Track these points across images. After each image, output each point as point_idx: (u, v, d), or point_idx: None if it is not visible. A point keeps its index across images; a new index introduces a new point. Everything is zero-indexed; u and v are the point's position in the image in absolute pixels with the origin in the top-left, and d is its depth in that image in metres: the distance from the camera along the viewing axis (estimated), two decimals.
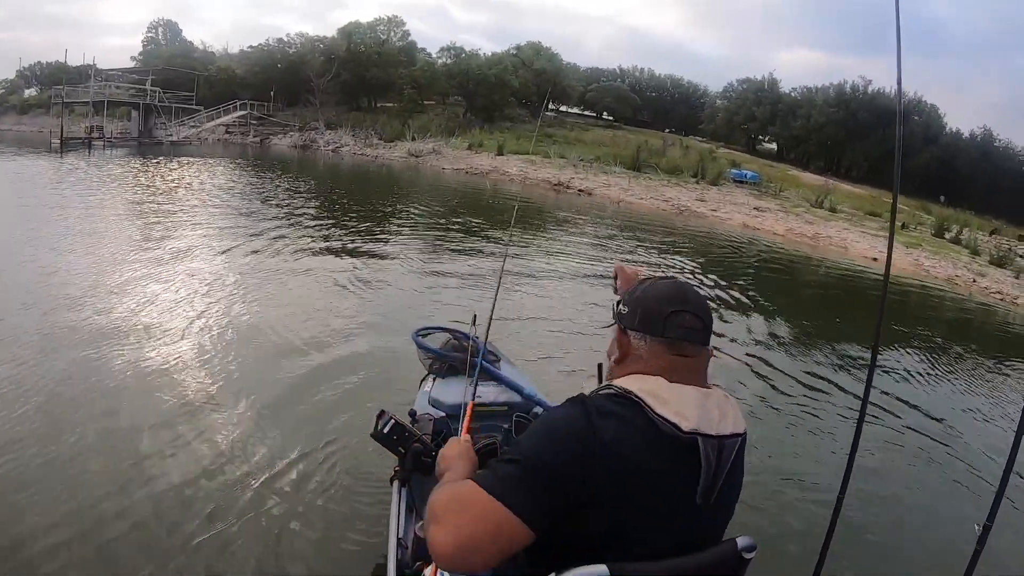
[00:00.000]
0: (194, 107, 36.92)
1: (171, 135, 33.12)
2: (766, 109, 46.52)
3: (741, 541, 1.20)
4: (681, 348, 1.22)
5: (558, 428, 1.15)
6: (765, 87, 48.81)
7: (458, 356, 2.94)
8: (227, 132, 37.81)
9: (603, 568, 1.07)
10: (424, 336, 3.11)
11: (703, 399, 1.17)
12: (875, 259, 17.68)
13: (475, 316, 3.13)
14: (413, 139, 33.39)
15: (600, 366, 1.63)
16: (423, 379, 3.00)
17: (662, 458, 1.12)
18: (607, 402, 1.17)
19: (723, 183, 27.17)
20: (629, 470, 1.11)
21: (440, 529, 1.12)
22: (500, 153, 30.68)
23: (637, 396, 1.15)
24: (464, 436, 1.76)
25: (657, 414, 1.12)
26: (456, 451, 1.53)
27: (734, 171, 29.08)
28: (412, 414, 2.37)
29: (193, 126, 35.86)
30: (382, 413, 2.10)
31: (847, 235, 20.27)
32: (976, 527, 1.80)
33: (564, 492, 1.10)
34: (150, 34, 52.69)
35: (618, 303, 1.36)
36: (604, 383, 1.27)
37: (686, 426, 1.11)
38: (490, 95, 40.66)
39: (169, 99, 34.98)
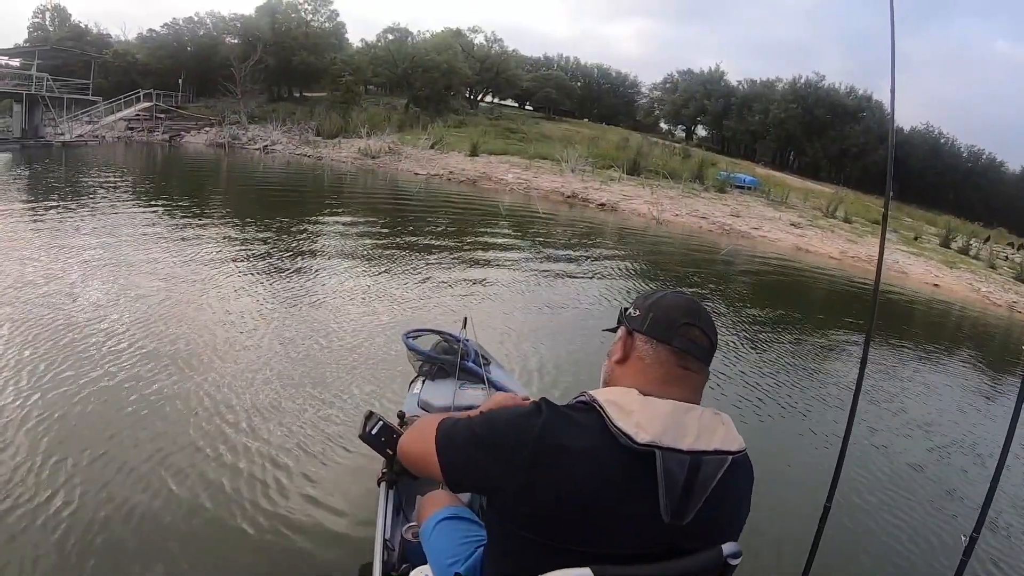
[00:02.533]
0: (91, 98, 30.48)
1: (62, 134, 26.67)
2: (718, 102, 45.23)
3: (727, 547, 1.16)
4: (685, 360, 1.22)
5: (516, 422, 1.18)
6: (712, 80, 47.65)
7: (448, 359, 2.89)
8: (128, 128, 31.33)
9: (586, 571, 1.06)
10: (415, 338, 3.09)
11: (680, 413, 1.14)
12: (937, 285, 16.41)
13: (465, 319, 3.15)
14: (368, 135, 28.62)
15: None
16: (412, 381, 2.97)
17: (618, 470, 1.10)
18: (570, 409, 1.19)
19: (729, 190, 25.03)
20: (574, 477, 1.10)
21: (406, 437, 1.49)
22: (474, 153, 26.61)
23: (599, 405, 1.15)
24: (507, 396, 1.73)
25: (616, 425, 1.11)
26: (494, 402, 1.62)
27: (739, 176, 26.79)
28: (401, 416, 2.35)
29: (89, 122, 29.45)
30: (370, 414, 2.02)
31: (898, 256, 18.54)
32: (963, 537, 1.90)
33: (502, 478, 1.15)
34: (36, 19, 43.72)
35: (627, 309, 1.34)
36: (582, 391, 1.25)
37: (642, 438, 1.09)
38: (436, 84, 36.54)
39: (60, 89, 28.31)
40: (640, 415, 1.11)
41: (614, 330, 1.37)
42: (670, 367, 1.21)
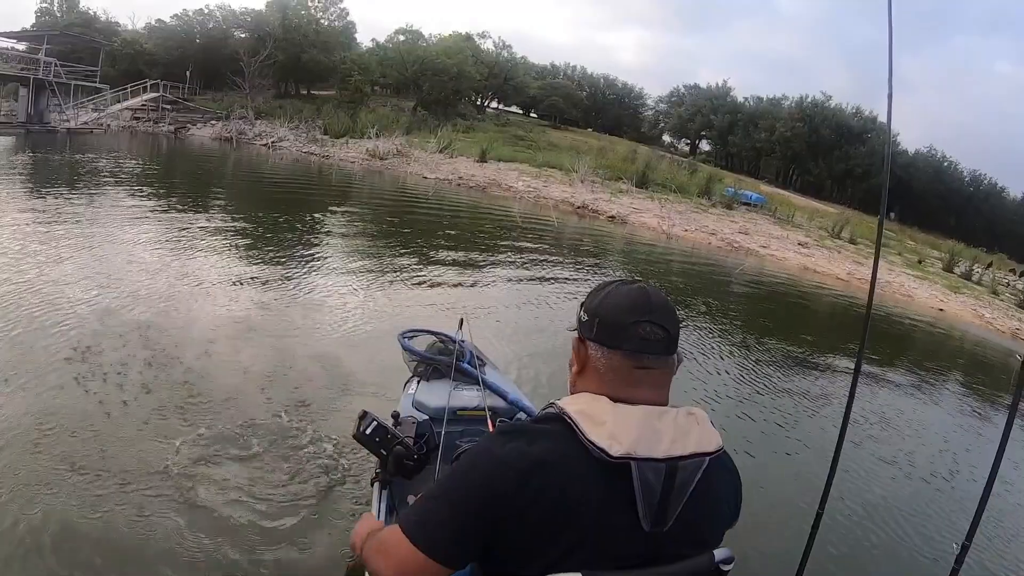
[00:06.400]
0: (98, 86, 30.23)
1: (68, 120, 26.53)
2: (724, 118, 45.38)
3: (719, 553, 1.14)
4: (640, 360, 1.16)
5: (478, 464, 1.12)
6: (719, 95, 47.87)
7: (443, 359, 2.89)
8: (134, 118, 31.22)
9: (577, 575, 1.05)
10: (410, 338, 3.08)
11: (651, 419, 1.10)
12: (941, 310, 16.32)
13: (461, 320, 3.13)
14: (377, 136, 28.51)
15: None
16: (407, 381, 2.96)
17: (592, 484, 1.07)
18: (541, 425, 1.15)
19: (736, 207, 25.03)
20: (554, 499, 1.06)
21: (375, 566, 1.19)
22: (483, 159, 26.52)
23: (570, 418, 1.10)
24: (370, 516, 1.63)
25: (588, 439, 1.07)
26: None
27: (746, 193, 26.84)
28: (395, 416, 2.35)
29: (95, 109, 29.24)
30: (364, 414, 2.08)
31: (904, 280, 18.57)
32: (955, 545, 1.90)
33: (482, 528, 1.09)
34: (44, 4, 43.32)
35: (581, 307, 1.26)
36: (550, 402, 1.21)
37: (616, 450, 1.05)
38: (445, 88, 36.52)
39: (68, 75, 28.05)
40: (613, 425, 1.07)
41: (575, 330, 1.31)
42: (626, 372, 1.15)
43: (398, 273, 8.31)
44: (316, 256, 8.63)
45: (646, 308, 1.16)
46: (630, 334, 1.15)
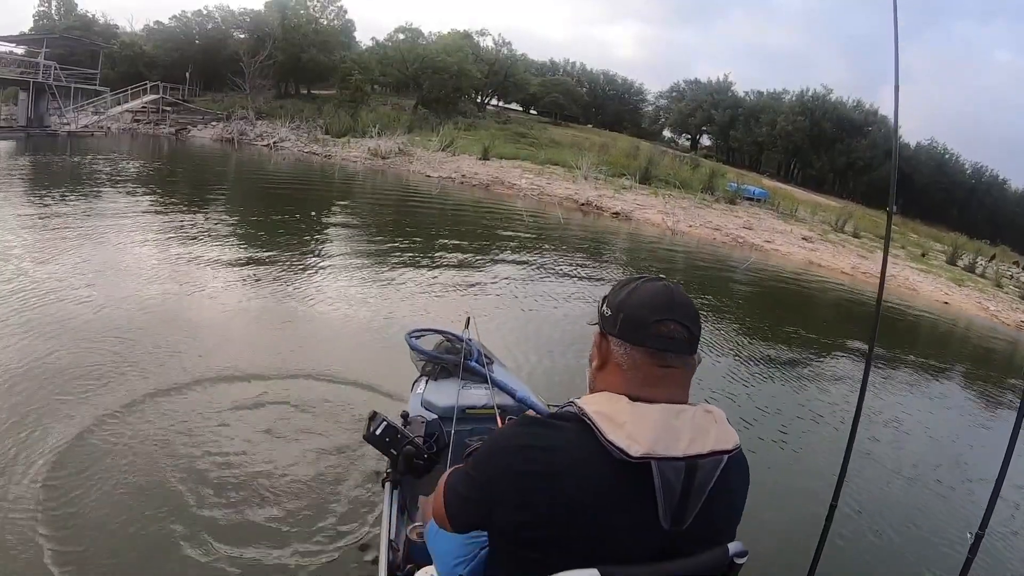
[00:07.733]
0: (98, 88, 30.13)
1: (68, 123, 26.48)
2: (725, 113, 45.28)
3: (732, 547, 1.16)
4: (663, 359, 1.16)
5: (493, 456, 1.17)
6: (719, 90, 47.78)
7: (451, 358, 2.89)
8: (135, 120, 31.24)
9: (594, 572, 1.05)
10: (417, 337, 3.07)
11: (670, 419, 1.10)
12: (947, 303, 16.35)
13: (468, 318, 3.11)
14: (379, 135, 28.44)
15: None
16: (415, 381, 2.96)
17: (612, 483, 1.08)
18: (557, 420, 1.16)
19: (739, 202, 24.95)
20: (564, 493, 1.07)
21: (432, 502, 1.37)
22: (485, 157, 26.44)
23: (590, 419, 1.10)
24: None
25: (608, 439, 1.07)
26: None
27: (748, 188, 26.79)
28: (404, 416, 2.36)
29: (95, 112, 29.18)
30: (374, 415, 2.09)
31: (908, 273, 18.57)
32: (968, 535, 1.92)
33: (493, 511, 1.15)
34: (42, 8, 43.04)
35: (603, 302, 1.26)
36: (569, 400, 1.20)
37: (636, 451, 1.05)
38: (446, 86, 36.46)
39: (68, 78, 27.88)
40: (632, 426, 1.07)
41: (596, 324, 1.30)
42: (649, 369, 1.15)
43: (404, 272, 8.32)
44: (322, 256, 8.66)
45: (669, 306, 1.16)
46: (653, 332, 1.14)
